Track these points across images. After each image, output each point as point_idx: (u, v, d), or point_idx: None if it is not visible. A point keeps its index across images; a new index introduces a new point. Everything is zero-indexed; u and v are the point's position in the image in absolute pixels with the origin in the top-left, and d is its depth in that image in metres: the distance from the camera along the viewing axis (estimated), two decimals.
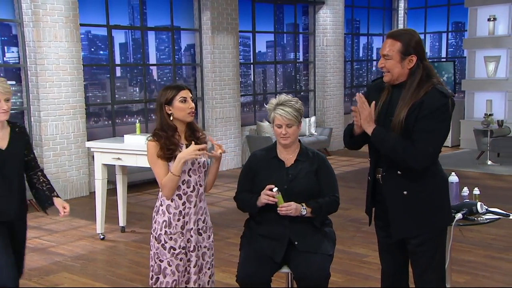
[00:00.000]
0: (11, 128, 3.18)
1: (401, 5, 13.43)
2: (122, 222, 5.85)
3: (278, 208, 2.97)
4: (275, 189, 2.97)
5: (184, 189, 2.96)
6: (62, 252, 5.29)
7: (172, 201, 2.94)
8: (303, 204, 3.02)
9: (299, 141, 3.20)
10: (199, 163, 2.98)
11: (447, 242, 2.87)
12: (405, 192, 2.71)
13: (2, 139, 3.11)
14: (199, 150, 2.85)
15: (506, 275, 4.46)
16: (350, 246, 5.16)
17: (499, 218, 3.20)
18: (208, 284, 3.07)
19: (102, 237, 5.61)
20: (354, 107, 2.71)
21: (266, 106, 3.16)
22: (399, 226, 2.76)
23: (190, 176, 2.96)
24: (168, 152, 2.89)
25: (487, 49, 10.42)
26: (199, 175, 3.00)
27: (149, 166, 3.01)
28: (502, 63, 10.32)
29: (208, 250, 3.06)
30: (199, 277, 3.02)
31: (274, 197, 2.96)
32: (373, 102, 2.68)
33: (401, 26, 13.55)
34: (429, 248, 2.75)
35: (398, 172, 2.70)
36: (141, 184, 8.05)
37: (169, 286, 2.95)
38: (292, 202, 2.98)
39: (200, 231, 3.04)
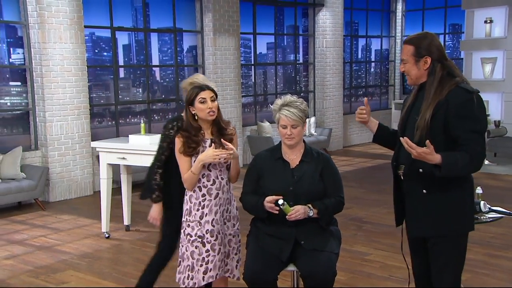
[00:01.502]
0: None
1: (399, 7, 13.45)
2: (127, 221, 5.84)
3: (287, 216, 2.95)
4: (280, 201, 2.94)
5: (204, 182, 3.10)
6: (68, 250, 5.28)
7: (194, 192, 3.11)
8: (309, 205, 3.00)
9: (304, 141, 3.19)
10: (219, 158, 3.08)
11: None
12: (424, 191, 2.68)
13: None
14: (217, 154, 2.98)
15: (505, 272, 4.47)
16: (351, 245, 5.16)
17: (502, 216, 3.19)
18: (236, 268, 3.22)
19: (107, 235, 5.61)
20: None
21: (271, 107, 3.15)
22: (414, 224, 2.76)
23: (210, 171, 3.09)
24: (189, 149, 3.05)
25: (483, 51, 10.40)
26: (220, 169, 3.12)
27: None
28: (499, 65, 10.30)
29: (233, 237, 3.20)
30: (226, 262, 3.17)
31: (280, 209, 2.94)
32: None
33: (399, 28, 13.57)
34: (446, 249, 2.71)
35: (420, 170, 2.65)
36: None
37: (184, 272, 3.10)
38: (299, 207, 2.95)
39: (225, 220, 3.17)
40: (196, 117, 3.07)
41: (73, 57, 7.35)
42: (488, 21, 10.28)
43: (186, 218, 3.12)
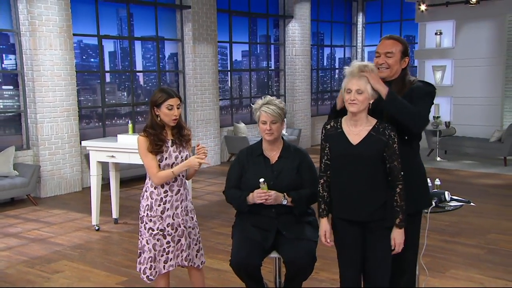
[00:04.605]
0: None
1: (360, 20, 13.63)
2: (115, 214, 5.75)
3: (257, 195, 2.95)
4: (261, 179, 2.95)
5: None
6: (60, 242, 5.17)
7: (155, 189, 3.03)
8: (285, 194, 2.99)
9: (282, 138, 3.18)
10: (182, 158, 3.06)
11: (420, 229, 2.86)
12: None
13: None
14: (200, 162, 2.98)
15: (460, 256, 4.58)
16: None
17: (462, 205, 3.27)
18: (196, 257, 3.17)
19: (97, 228, 5.51)
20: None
21: (253, 106, 3.12)
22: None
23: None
24: (156, 147, 2.98)
25: (434, 59, 10.63)
26: None
27: (140, 163, 3.08)
28: (448, 72, 10.55)
29: (192, 229, 3.15)
30: (189, 253, 3.11)
31: (261, 188, 2.94)
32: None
33: (360, 39, 13.75)
34: (408, 228, 2.66)
35: None
36: (129, 180, 7.94)
37: (145, 263, 3.06)
38: (273, 192, 2.95)
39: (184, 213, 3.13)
40: (159, 118, 2.99)
41: (63, 63, 7.20)
42: (438, 33, 10.51)
43: (147, 213, 3.03)
